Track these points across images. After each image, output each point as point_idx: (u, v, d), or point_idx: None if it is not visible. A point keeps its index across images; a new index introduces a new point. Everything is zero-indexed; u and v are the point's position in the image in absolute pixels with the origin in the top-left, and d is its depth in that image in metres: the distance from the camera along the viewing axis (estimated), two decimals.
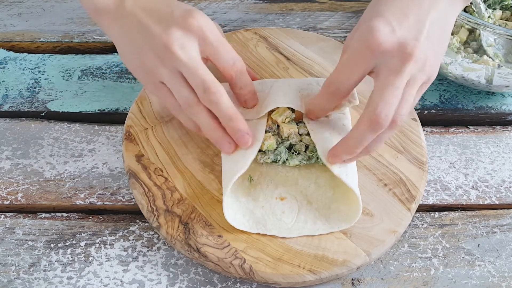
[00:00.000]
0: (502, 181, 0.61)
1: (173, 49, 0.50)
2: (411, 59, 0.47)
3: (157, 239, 0.55)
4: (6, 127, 0.64)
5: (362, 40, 0.48)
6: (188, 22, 0.50)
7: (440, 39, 0.51)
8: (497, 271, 0.54)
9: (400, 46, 0.47)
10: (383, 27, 0.48)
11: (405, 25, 0.48)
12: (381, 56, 0.48)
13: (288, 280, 0.50)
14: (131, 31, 0.53)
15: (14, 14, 0.78)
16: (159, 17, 0.52)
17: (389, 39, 0.47)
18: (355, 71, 0.49)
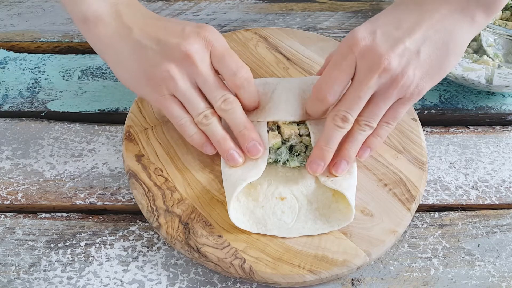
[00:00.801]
0: (502, 181, 0.61)
1: (194, 60, 0.52)
2: (378, 68, 0.48)
3: (157, 239, 0.55)
4: (6, 127, 0.64)
5: (346, 44, 0.51)
6: (202, 36, 0.52)
7: (439, 60, 0.50)
8: (497, 271, 0.54)
9: (372, 52, 0.49)
10: (365, 30, 0.50)
11: (391, 36, 0.49)
12: (359, 58, 0.49)
13: (288, 280, 0.50)
14: (141, 45, 0.53)
15: (14, 14, 0.78)
16: (172, 32, 0.53)
17: (366, 41, 0.49)
18: (339, 73, 0.51)
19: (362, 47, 0.49)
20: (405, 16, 0.50)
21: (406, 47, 0.49)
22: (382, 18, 0.51)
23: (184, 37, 0.52)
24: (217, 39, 0.53)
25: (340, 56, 0.51)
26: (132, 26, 0.54)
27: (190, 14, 0.79)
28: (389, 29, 0.49)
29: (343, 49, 0.51)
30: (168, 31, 0.53)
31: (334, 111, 0.52)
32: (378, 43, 0.49)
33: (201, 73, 0.52)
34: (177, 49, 0.52)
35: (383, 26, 0.50)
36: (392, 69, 0.48)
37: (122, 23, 0.54)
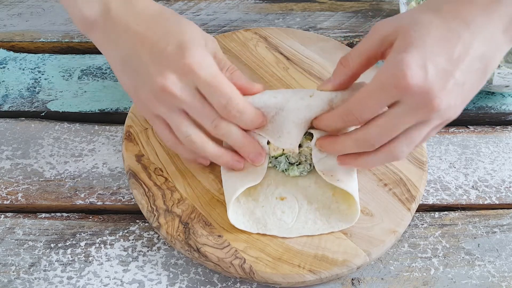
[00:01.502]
0: (502, 181, 0.61)
1: (172, 91, 0.48)
2: (428, 111, 0.45)
3: (157, 239, 0.55)
4: (6, 127, 0.64)
5: (392, 77, 0.44)
6: (181, 63, 0.48)
7: (477, 84, 0.47)
8: (497, 271, 0.54)
9: (425, 94, 0.44)
10: (416, 67, 0.44)
11: (441, 68, 0.44)
12: (406, 96, 0.45)
13: (288, 280, 0.50)
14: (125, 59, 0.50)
15: (14, 14, 0.78)
16: (153, 51, 0.49)
17: (419, 83, 0.44)
18: (377, 105, 0.47)
19: (412, 85, 0.44)
20: (453, 40, 0.45)
21: (456, 81, 0.45)
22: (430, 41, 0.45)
23: (162, 67, 0.48)
24: (202, 65, 0.48)
25: (382, 87, 0.45)
26: (120, 34, 0.50)
27: (190, 14, 0.79)
28: (440, 61, 0.44)
29: (387, 79, 0.45)
30: (152, 51, 0.49)
31: (362, 135, 0.48)
32: (430, 82, 0.44)
33: (184, 102, 0.49)
34: (154, 82, 0.48)
35: (433, 57, 0.44)
36: (441, 109, 0.45)
37: (111, 28, 0.51)
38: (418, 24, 0.46)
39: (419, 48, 0.44)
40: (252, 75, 0.66)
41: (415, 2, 0.70)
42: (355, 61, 0.50)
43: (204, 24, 0.78)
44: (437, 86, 0.44)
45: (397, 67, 0.44)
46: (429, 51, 0.44)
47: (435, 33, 0.45)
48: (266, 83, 0.66)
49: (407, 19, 0.47)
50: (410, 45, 0.45)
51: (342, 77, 0.51)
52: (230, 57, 0.68)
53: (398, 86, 0.44)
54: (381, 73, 0.46)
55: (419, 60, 0.44)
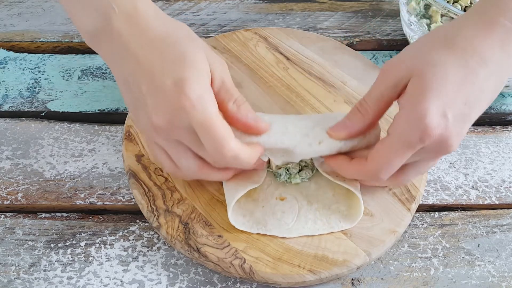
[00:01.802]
0: (502, 181, 0.61)
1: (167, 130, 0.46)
2: (446, 152, 0.46)
3: (157, 239, 0.55)
4: (6, 127, 0.64)
5: (416, 132, 0.44)
6: (177, 103, 0.44)
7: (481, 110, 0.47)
8: (497, 271, 0.54)
9: (445, 141, 0.45)
10: (438, 117, 0.43)
11: (460, 113, 0.44)
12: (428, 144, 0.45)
13: (288, 280, 0.50)
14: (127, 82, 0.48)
15: (14, 14, 0.78)
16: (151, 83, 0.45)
17: (440, 132, 0.44)
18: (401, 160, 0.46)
19: (434, 135, 0.44)
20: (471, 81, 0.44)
21: (471, 121, 0.46)
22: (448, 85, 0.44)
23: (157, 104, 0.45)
24: (196, 106, 0.44)
25: (407, 144, 0.45)
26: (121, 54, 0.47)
27: (190, 14, 0.79)
28: (458, 106, 0.44)
29: (411, 136, 0.44)
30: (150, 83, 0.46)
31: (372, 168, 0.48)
32: (450, 130, 0.44)
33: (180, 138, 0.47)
34: (150, 117, 0.46)
35: (453, 103, 0.44)
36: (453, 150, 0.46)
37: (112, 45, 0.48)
38: (433, 66, 0.45)
39: (438, 94, 0.44)
40: (252, 75, 0.67)
41: (415, 2, 0.70)
42: (373, 108, 0.48)
43: (204, 24, 0.78)
44: (455, 131, 0.44)
45: (420, 121, 0.44)
46: (448, 96, 0.44)
47: (452, 75, 0.44)
48: (266, 83, 0.66)
49: (420, 59, 0.46)
50: (428, 91, 0.44)
51: (359, 125, 0.49)
52: (230, 57, 0.68)
53: (422, 140, 0.44)
54: (402, 127, 0.45)
55: (440, 108, 0.43)
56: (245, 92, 0.65)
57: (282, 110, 0.63)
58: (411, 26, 0.70)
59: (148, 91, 0.46)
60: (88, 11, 0.47)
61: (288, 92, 0.65)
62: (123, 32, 0.47)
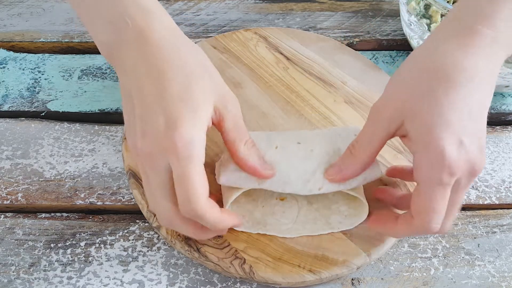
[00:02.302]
0: (502, 181, 0.61)
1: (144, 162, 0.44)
2: (475, 176, 0.44)
3: (157, 239, 0.55)
4: (6, 127, 0.64)
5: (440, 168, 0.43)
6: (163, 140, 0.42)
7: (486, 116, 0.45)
8: (497, 271, 0.54)
9: (471, 166, 0.43)
10: (457, 149, 0.42)
11: (473, 134, 0.43)
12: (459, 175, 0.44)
13: (288, 280, 0.50)
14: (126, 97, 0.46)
15: (14, 14, 0.78)
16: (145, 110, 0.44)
17: (462, 159, 0.43)
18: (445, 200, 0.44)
19: (461, 166, 0.43)
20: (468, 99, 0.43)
21: (484, 135, 0.44)
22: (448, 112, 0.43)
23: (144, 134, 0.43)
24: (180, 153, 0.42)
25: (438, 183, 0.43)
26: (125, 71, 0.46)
27: (190, 14, 0.79)
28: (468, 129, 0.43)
29: (438, 175, 0.43)
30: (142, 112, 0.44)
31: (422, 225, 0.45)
32: (472, 151, 0.43)
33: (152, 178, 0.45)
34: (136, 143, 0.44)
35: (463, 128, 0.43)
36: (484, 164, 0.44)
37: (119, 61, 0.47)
38: (423, 98, 0.43)
39: (448, 129, 0.42)
40: (252, 75, 0.67)
41: (415, 2, 0.70)
42: (365, 150, 0.48)
43: (204, 24, 0.78)
44: (476, 152, 0.43)
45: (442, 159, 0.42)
46: (453, 122, 0.43)
47: (447, 103, 0.43)
48: (266, 83, 0.66)
49: (408, 96, 0.44)
50: (433, 127, 0.43)
51: (352, 168, 0.48)
52: (230, 57, 0.68)
53: (452, 174, 0.43)
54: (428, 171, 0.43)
55: (453, 137, 0.42)
56: (245, 92, 0.65)
57: (282, 110, 0.63)
58: (411, 26, 0.70)
59: (141, 116, 0.44)
60: (103, 22, 0.46)
61: (288, 92, 0.65)
62: (132, 49, 0.45)
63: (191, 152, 0.42)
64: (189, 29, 0.77)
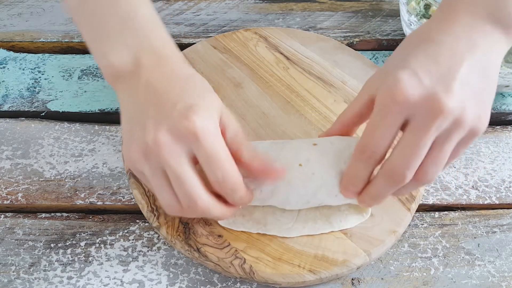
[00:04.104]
0: (502, 181, 0.61)
1: (160, 151, 0.44)
2: (440, 113, 0.42)
3: (157, 239, 0.55)
4: (6, 127, 0.64)
5: (388, 95, 0.43)
6: (182, 124, 0.44)
7: (484, 85, 0.44)
8: (497, 271, 0.54)
9: (429, 99, 0.42)
10: (409, 78, 0.42)
11: (435, 74, 0.43)
12: (410, 109, 0.43)
13: (288, 280, 0.50)
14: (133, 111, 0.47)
15: (14, 14, 0.78)
16: (161, 106, 0.45)
17: (416, 92, 0.42)
18: (386, 129, 0.44)
19: (412, 94, 0.42)
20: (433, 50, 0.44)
21: (458, 82, 0.43)
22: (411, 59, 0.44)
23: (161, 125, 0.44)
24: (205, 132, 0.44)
25: (382, 109, 0.44)
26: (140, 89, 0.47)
27: (190, 14, 0.79)
28: (429, 67, 0.43)
29: (385, 101, 0.43)
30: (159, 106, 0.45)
31: (389, 169, 0.45)
32: (429, 86, 0.42)
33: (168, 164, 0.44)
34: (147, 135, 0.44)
35: (423, 67, 0.43)
36: (454, 111, 0.42)
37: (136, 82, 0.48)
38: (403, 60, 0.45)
39: (405, 66, 0.43)
40: (252, 75, 0.67)
41: (415, 2, 0.70)
42: (347, 109, 0.50)
43: (204, 24, 0.78)
44: (438, 87, 0.42)
45: (392, 85, 0.43)
46: (416, 64, 0.43)
47: (417, 52, 0.44)
48: (266, 83, 0.66)
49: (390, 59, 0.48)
50: (402, 65, 0.44)
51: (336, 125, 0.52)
52: (230, 57, 0.68)
53: (396, 101, 0.43)
54: (378, 98, 0.45)
55: (408, 71, 0.43)
56: (245, 92, 0.65)
57: (282, 110, 0.63)
58: (411, 26, 0.70)
59: (154, 113, 0.45)
60: (118, 49, 0.48)
61: (288, 92, 0.65)
62: (149, 68, 0.47)
63: (215, 132, 0.45)
64: (189, 29, 0.77)
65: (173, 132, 0.44)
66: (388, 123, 0.44)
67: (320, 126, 0.61)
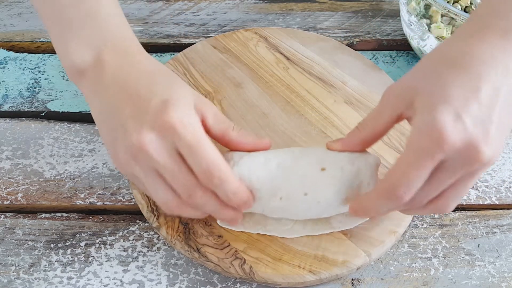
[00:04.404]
0: (502, 181, 0.61)
1: (147, 150, 0.44)
2: (477, 162, 0.41)
3: (157, 239, 0.55)
4: (6, 127, 0.64)
5: (432, 139, 0.41)
6: (161, 120, 0.43)
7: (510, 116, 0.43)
8: (497, 271, 0.54)
9: (469, 146, 0.41)
10: (454, 124, 0.41)
11: (476, 116, 0.41)
12: (450, 153, 0.41)
13: (288, 280, 0.50)
14: (107, 111, 0.47)
15: (14, 14, 0.78)
16: (135, 105, 0.45)
17: (459, 138, 0.40)
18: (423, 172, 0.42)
19: (455, 141, 0.40)
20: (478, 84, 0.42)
21: (496, 124, 0.42)
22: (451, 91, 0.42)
23: (142, 123, 0.44)
24: (184, 124, 0.43)
25: (423, 153, 0.41)
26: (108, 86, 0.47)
27: (190, 14, 0.79)
28: (473, 109, 0.41)
29: (426, 144, 0.41)
30: (134, 104, 0.45)
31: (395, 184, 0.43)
32: (471, 132, 0.41)
33: (158, 163, 0.44)
34: (130, 139, 0.44)
35: (465, 107, 0.41)
36: (488, 159, 0.42)
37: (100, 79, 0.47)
38: (436, 78, 0.43)
39: (447, 102, 0.41)
40: (252, 75, 0.67)
41: (415, 2, 0.70)
42: (369, 124, 0.47)
43: (204, 24, 0.78)
44: (479, 134, 0.41)
45: (433, 128, 0.41)
46: (458, 102, 0.41)
47: (457, 83, 0.42)
48: (266, 83, 0.66)
49: (420, 76, 0.45)
50: (436, 102, 0.42)
51: (354, 141, 0.49)
52: (230, 57, 0.68)
53: (442, 149, 0.41)
54: (416, 139, 0.42)
55: (452, 113, 0.41)
56: (245, 92, 0.65)
57: (282, 110, 0.63)
58: (411, 26, 0.70)
59: (131, 113, 0.45)
60: (79, 46, 0.48)
61: (288, 92, 0.65)
62: (112, 64, 0.47)
63: (195, 124, 0.44)
64: (189, 29, 0.77)
65: (155, 129, 0.44)
66: (426, 166, 0.42)
67: (320, 127, 0.61)
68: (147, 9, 0.80)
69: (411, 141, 0.43)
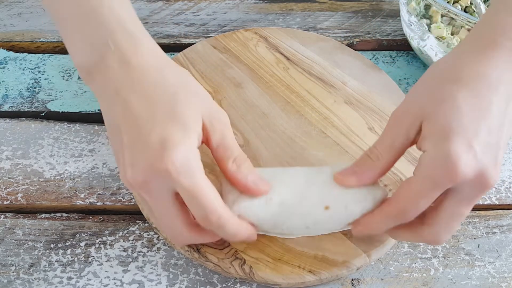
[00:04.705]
0: (502, 181, 0.61)
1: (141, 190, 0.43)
2: (486, 189, 0.42)
3: (157, 239, 0.55)
4: (6, 127, 0.64)
5: (443, 171, 0.41)
6: (158, 165, 0.41)
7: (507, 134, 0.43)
8: (497, 272, 0.54)
9: (479, 175, 0.41)
10: (466, 155, 0.41)
11: (486, 144, 0.41)
12: (461, 183, 0.41)
13: (288, 280, 0.50)
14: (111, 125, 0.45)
15: (14, 14, 0.78)
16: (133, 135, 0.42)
17: (471, 168, 0.41)
18: (431, 198, 0.43)
19: (467, 173, 0.41)
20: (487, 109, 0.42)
21: (502, 151, 0.42)
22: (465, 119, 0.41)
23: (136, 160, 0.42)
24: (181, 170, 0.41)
25: (435, 184, 0.42)
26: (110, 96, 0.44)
27: (190, 14, 0.79)
28: (482, 136, 0.41)
29: (439, 176, 0.41)
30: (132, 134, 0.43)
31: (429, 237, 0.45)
32: (481, 161, 0.41)
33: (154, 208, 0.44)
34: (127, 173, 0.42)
35: (475, 135, 0.41)
36: (495, 183, 0.42)
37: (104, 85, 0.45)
38: (442, 103, 0.43)
39: (459, 131, 0.41)
40: (252, 75, 0.67)
41: (415, 2, 0.70)
42: (384, 154, 0.46)
43: (204, 24, 0.78)
44: (489, 163, 0.41)
45: (447, 159, 0.41)
46: (468, 130, 0.41)
47: (465, 108, 0.42)
48: (266, 83, 0.66)
49: (427, 100, 0.44)
50: (448, 131, 0.41)
51: (370, 172, 0.47)
52: (230, 57, 0.68)
53: (452, 179, 0.41)
54: (429, 168, 0.42)
55: (465, 143, 0.41)
56: (245, 92, 0.65)
57: (282, 110, 0.63)
58: (411, 26, 0.70)
59: (128, 143, 0.42)
60: (84, 45, 0.45)
61: (288, 92, 0.65)
62: (116, 74, 0.44)
63: (193, 168, 0.42)
64: (189, 29, 0.77)
65: (150, 173, 0.42)
66: (435, 194, 0.42)
67: (320, 127, 0.61)
68: (147, 9, 0.80)
69: (423, 169, 0.42)
